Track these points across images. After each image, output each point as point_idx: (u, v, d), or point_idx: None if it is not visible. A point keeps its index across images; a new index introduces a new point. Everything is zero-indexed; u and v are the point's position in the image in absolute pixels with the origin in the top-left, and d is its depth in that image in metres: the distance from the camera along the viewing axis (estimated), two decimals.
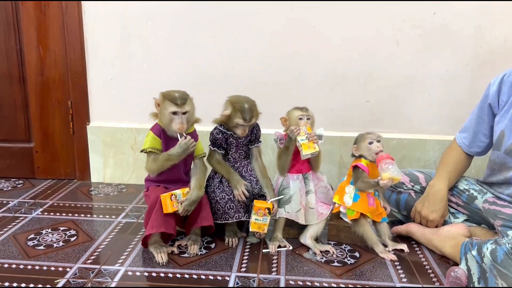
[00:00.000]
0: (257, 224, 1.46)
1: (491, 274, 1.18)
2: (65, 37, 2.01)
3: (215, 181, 1.53)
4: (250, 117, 1.46)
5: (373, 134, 1.51)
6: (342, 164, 2.02)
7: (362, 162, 1.50)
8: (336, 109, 2.01)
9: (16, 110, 2.12)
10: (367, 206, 1.50)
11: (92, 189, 2.08)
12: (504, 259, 1.16)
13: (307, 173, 1.56)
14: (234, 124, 1.47)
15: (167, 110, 1.40)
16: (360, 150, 1.52)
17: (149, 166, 1.45)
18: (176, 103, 1.39)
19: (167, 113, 1.40)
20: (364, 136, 1.52)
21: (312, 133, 1.47)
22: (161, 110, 1.42)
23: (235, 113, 1.46)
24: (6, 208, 1.82)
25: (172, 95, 1.41)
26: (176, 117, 1.40)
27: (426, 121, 1.99)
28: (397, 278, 1.33)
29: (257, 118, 1.51)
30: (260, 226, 1.47)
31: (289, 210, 1.51)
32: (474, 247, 1.27)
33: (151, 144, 1.44)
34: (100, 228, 1.64)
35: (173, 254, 1.44)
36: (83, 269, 1.35)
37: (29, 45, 2.03)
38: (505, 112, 1.42)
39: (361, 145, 1.51)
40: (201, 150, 1.53)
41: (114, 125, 2.10)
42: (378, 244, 1.49)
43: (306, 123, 1.50)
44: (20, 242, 1.51)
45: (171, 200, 1.39)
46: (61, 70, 2.06)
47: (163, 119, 1.42)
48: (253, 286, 1.27)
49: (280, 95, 1.98)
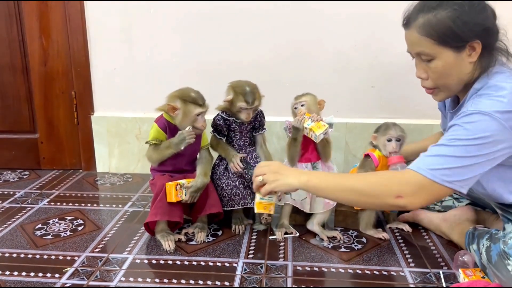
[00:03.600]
0: (263, 204, 1.34)
1: (489, 272, 1.17)
2: (68, 26, 2.00)
3: (220, 168, 1.53)
4: (253, 99, 1.45)
5: (395, 130, 1.46)
6: (348, 151, 2.01)
7: (375, 154, 1.49)
8: (341, 95, 1.99)
9: (20, 101, 2.12)
10: None
11: (98, 179, 2.08)
12: (497, 260, 1.12)
13: (316, 162, 1.55)
14: (237, 108, 1.46)
15: (191, 113, 1.39)
16: (378, 141, 1.50)
17: (150, 154, 1.46)
18: (200, 104, 1.39)
19: (192, 116, 1.39)
20: (386, 130, 1.47)
21: (313, 115, 1.46)
22: (182, 114, 1.40)
23: (237, 97, 1.45)
24: (13, 199, 1.82)
25: (192, 96, 1.40)
26: (199, 117, 1.41)
27: (432, 106, 1.95)
28: (404, 262, 1.33)
29: (260, 101, 1.50)
30: (266, 207, 1.36)
31: (295, 197, 1.50)
32: (474, 240, 1.25)
33: (155, 136, 1.44)
34: (107, 217, 1.65)
35: (181, 242, 1.45)
36: (91, 257, 1.35)
37: (32, 35, 2.02)
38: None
39: (380, 138, 1.48)
40: (206, 141, 1.53)
41: (118, 114, 2.10)
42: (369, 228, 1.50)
43: (301, 110, 1.49)
44: (28, 232, 1.52)
45: (175, 189, 1.39)
46: (64, 60, 2.05)
47: (184, 121, 1.40)
48: (261, 272, 1.27)
49: (284, 82, 1.97)
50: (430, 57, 1.14)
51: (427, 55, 1.15)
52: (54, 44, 2.03)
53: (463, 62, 1.13)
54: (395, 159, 1.43)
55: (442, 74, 1.16)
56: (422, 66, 1.19)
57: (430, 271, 1.29)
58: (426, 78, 1.20)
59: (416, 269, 1.30)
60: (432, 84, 1.20)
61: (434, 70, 1.16)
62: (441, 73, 1.16)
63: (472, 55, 1.12)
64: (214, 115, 1.54)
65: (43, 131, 2.15)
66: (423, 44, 1.14)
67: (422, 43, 1.14)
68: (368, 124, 1.92)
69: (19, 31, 2.03)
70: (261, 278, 1.24)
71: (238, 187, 1.49)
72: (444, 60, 1.13)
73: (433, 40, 1.12)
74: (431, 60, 1.15)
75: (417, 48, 1.16)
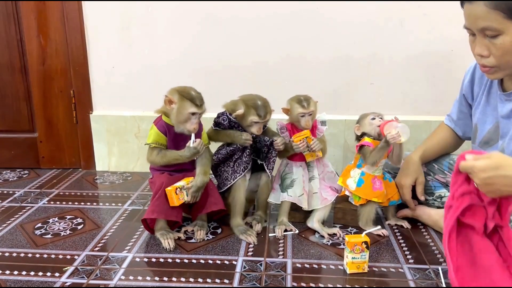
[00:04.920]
0: (355, 263, 1.25)
1: None
2: (65, 25, 2.00)
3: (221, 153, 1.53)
4: (265, 113, 1.45)
5: (375, 112, 1.52)
6: (347, 147, 2.01)
7: (366, 140, 1.49)
8: (340, 91, 1.99)
9: (19, 100, 2.12)
10: (372, 191, 1.49)
11: (97, 177, 2.08)
12: None
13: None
14: (248, 123, 1.46)
15: (186, 110, 1.37)
16: (363, 127, 1.51)
17: (153, 159, 1.45)
18: (196, 104, 1.38)
19: (186, 113, 1.38)
20: (366, 114, 1.52)
21: (312, 144, 1.46)
22: (177, 109, 1.38)
23: (248, 111, 1.44)
24: (13, 198, 1.83)
25: (191, 94, 1.38)
26: (193, 118, 1.39)
27: (431, 102, 1.98)
28: (403, 259, 1.34)
29: (271, 115, 1.49)
30: (359, 266, 1.26)
31: (292, 194, 1.50)
32: None
33: (155, 139, 1.43)
34: (107, 216, 1.65)
35: (180, 240, 1.45)
36: (91, 256, 1.36)
37: (30, 34, 2.02)
38: (478, 104, 1.38)
39: (363, 122, 1.51)
40: (206, 140, 1.52)
41: (117, 113, 2.10)
42: (370, 225, 1.50)
43: (308, 120, 1.48)
44: (28, 231, 1.52)
45: (176, 193, 1.39)
46: (63, 59, 2.05)
47: (177, 117, 1.39)
48: (260, 269, 1.28)
49: (283, 79, 1.97)
50: (497, 32, 1.06)
51: (494, 30, 1.06)
52: (52, 43, 2.03)
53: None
54: (385, 123, 1.44)
55: (508, 51, 1.08)
56: (484, 42, 1.10)
57: (429, 268, 1.29)
58: (488, 55, 1.11)
59: (415, 266, 1.30)
60: (495, 62, 1.12)
61: (500, 46, 1.08)
62: (507, 50, 1.08)
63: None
64: (213, 116, 1.53)
65: (42, 130, 2.15)
66: (491, 18, 1.05)
67: (490, 16, 1.05)
68: None
69: (17, 30, 2.03)
70: (261, 275, 1.25)
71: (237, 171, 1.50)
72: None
73: (504, 13, 1.03)
74: (497, 36, 1.07)
75: (483, 23, 1.07)
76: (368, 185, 1.50)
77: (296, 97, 1.50)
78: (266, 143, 1.49)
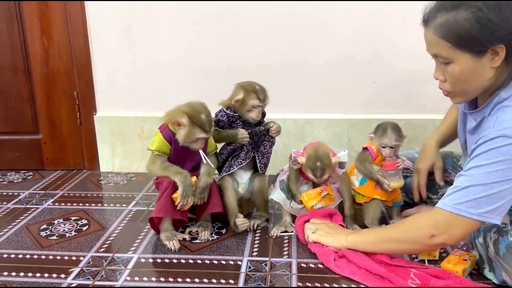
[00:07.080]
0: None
1: (496, 265, 1.16)
2: (68, 26, 2.00)
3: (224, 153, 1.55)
4: (264, 96, 1.47)
5: (390, 139, 1.43)
6: (350, 146, 2.00)
7: (373, 147, 1.49)
8: (343, 91, 1.99)
9: (23, 102, 2.12)
10: (374, 189, 1.49)
11: (101, 178, 2.09)
12: (505, 253, 1.11)
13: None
14: (249, 107, 1.46)
15: (195, 136, 1.36)
16: (374, 143, 1.49)
17: (151, 167, 1.44)
18: (206, 131, 1.37)
19: (194, 138, 1.37)
20: (381, 137, 1.44)
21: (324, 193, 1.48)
22: (186, 132, 1.36)
23: (248, 95, 1.45)
24: (18, 200, 1.83)
25: (201, 120, 1.35)
26: (200, 140, 1.39)
27: (435, 100, 1.96)
28: (408, 258, 1.33)
29: (269, 100, 1.50)
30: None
31: (293, 206, 1.52)
32: (480, 233, 1.23)
33: (158, 147, 1.42)
34: (111, 217, 1.65)
35: (185, 241, 1.45)
36: (96, 257, 1.36)
37: (33, 36, 2.02)
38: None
39: (376, 141, 1.47)
40: (213, 146, 1.52)
41: (120, 114, 2.10)
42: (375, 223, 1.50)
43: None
44: (33, 233, 1.53)
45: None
46: (66, 61, 2.05)
47: (185, 139, 1.37)
48: (265, 270, 1.28)
49: (285, 79, 1.96)
50: (447, 60, 1.06)
51: (443, 58, 1.07)
52: (55, 45, 2.03)
53: (484, 68, 1.04)
54: (387, 165, 1.44)
55: (459, 79, 1.08)
56: (440, 67, 1.11)
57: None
58: (444, 80, 1.12)
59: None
60: (449, 88, 1.12)
61: (451, 74, 1.08)
62: (458, 78, 1.08)
63: (495, 60, 1.03)
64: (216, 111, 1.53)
65: (46, 132, 2.15)
66: (440, 46, 1.06)
67: (439, 45, 1.06)
68: (370, 120, 1.91)
69: (20, 32, 2.03)
70: (266, 275, 1.25)
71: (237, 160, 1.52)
72: (461, 64, 1.05)
73: (450, 43, 1.03)
74: (448, 64, 1.07)
75: (434, 50, 1.08)
76: (371, 184, 1.49)
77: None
78: (262, 133, 1.51)
